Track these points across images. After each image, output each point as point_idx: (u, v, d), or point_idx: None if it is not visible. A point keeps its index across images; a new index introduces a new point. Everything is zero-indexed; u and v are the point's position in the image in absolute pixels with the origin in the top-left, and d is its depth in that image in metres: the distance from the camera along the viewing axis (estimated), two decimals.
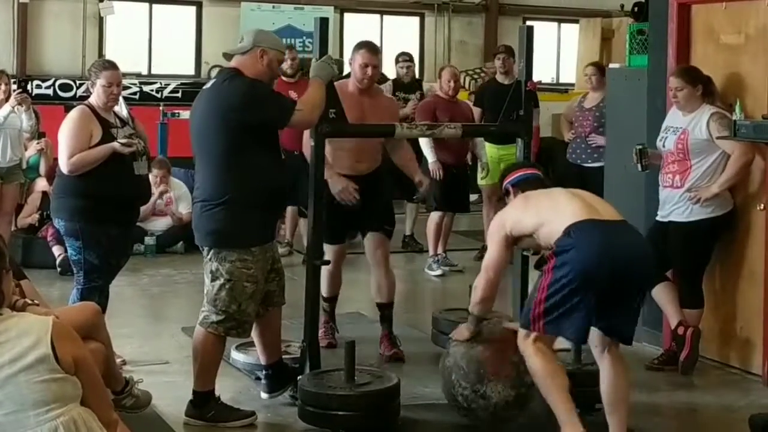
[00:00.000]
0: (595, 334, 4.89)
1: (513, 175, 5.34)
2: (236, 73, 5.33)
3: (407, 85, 10.66)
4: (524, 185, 5.24)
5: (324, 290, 6.54)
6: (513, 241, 5.06)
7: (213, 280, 5.31)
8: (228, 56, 5.49)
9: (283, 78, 9.50)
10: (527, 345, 4.80)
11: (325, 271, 6.27)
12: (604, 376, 4.97)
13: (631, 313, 4.89)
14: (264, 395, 5.68)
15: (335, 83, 5.79)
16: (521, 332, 4.85)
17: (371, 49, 6.59)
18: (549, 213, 4.87)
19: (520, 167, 5.47)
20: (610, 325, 4.83)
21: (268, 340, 5.63)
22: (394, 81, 10.78)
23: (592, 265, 4.62)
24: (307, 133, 5.89)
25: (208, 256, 5.34)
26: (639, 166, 6.46)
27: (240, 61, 5.37)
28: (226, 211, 5.24)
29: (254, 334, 5.60)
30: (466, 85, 14.93)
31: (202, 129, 5.32)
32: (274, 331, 5.65)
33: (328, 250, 6.43)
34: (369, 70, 6.49)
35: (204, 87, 5.48)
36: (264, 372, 5.70)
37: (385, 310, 6.79)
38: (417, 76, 16.65)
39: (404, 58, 10.85)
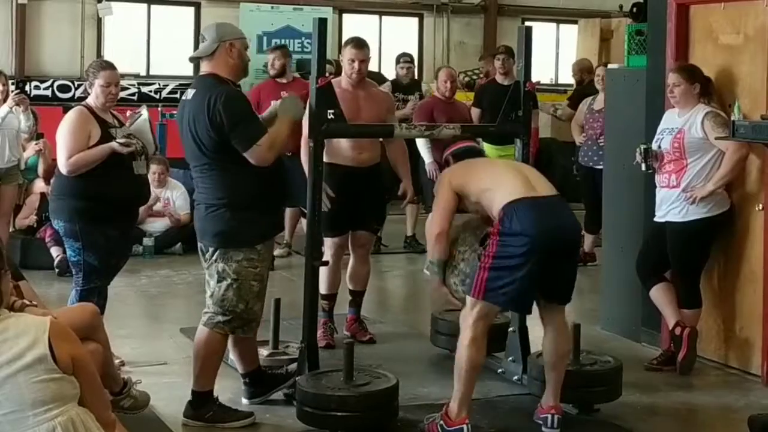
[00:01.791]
0: (540, 302, 5.31)
1: (454, 147, 5.71)
2: (214, 79, 5.30)
3: (406, 86, 10.66)
4: (465, 156, 5.58)
5: (323, 287, 6.57)
6: (458, 198, 5.28)
7: (219, 281, 5.31)
8: (195, 59, 5.48)
9: (277, 80, 9.47)
10: (466, 326, 5.11)
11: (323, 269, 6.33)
12: (548, 337, 5.35)
13: (569, 276, 5.28)
14: (244, 401, 5.67)
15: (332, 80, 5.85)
16: (468, 302, 5.11)
17: (357, 45, 6.76)
18: (490, 181, 5.19)
19: (460, 140, 5.83)
20: (551, 291, 5.23)
21: (245, 348, 5.61)
22: (393, 82, 10.78)
23: (533, 242, 4.94)
24: (304, 135, 5.89)
25: (213, 258, 5.33)
26: (643, 165, 6.44)
27: (213, 63, 5.34)
28: (231, 212, 5.25)
29: (230, 344, 5.57)
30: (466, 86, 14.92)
31: (193, 137, 5.28)
32: (249, 340, 5.61)
33: (329, 243, 6.50)
34: (356, 65, 6.68)
35: (184, 98, 5.43)
36: (242, 380, 5.70)
37: (358, 297, 7.08)
38: (417, 76, 16.77)
39: (405, 59, 10.85)
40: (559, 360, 5.34)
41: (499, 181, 5.19)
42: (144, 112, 6.33)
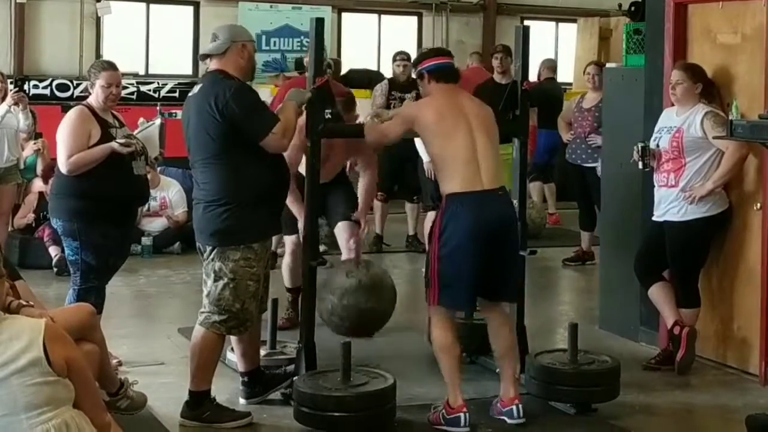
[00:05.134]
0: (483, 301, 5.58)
1: (429, 62, 5.59)
2: (222, 75, 5.33)
3: (403, 85, 10.60)
4: (439, 74, 5.53)
5: (288, 281, 7.03)
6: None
7: (216, 280, 5.31)
8: (205, 56, 5.50)
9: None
10: (432, 316, 5.49)
11: (285, 264, 6.88)
12: (492, 330, 5.56)
13: (510, 274, 5.49)
14: (242, 401, 5.67)
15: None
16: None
17: None
18: (446, 153, 5.34)
19: (434, 55, 5.68)
20: (495, 291, 5.47)
21: (247, 347, 5.62)
22: (390, 80, 10.71)
23: (471, 230, 5.24)
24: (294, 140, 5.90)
25: (211, 257, 5.33)
26: (640, 164, 6.44)
27: (222, 61, 5.37)
28: (229, 210, 5.26)
29: (234, 342, 5.61)
30: None
31: (196, 132, 5.32)
32: (253, 339, 5.64)
33: (288, 241, 6.81)
34: None
35: (191, 93, 5.46)
36: (241, 379, 5.71)
37: None
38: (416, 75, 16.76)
39: (401, 57, 10.79)
40: (508, 349, 5.49)
41: (454, 160, 5.32)
42: (157, 120, 6.36)
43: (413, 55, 11.60)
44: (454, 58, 5.85)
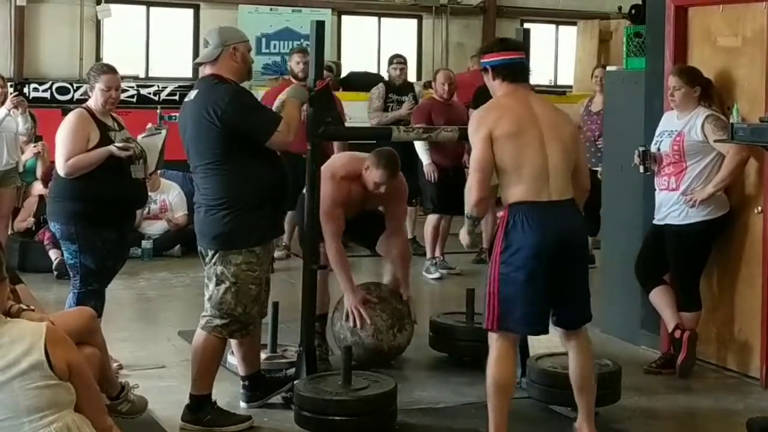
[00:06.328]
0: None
1: (495, 56, 5.05)
2: (218, 80, 5.32)
3: (399, 88, 10.58)
4: (506, 72, 5.02)
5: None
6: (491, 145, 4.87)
7: (218, 283, 5.30)
8: (199, 64, 5.50)
9: (294, 81, 9.42)
10: (492, 347, 4.92)
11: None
12: (571, 359, 5.11)
13: (581, 293, 5.04)
14: (243, 405, 5.67)
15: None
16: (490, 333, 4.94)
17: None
18: (514, 167, 4.86)
19: (502, 48, 5.11)
20: (567, 314, 5.01)
21: (248, 351, 5.62)
22: (386, 83, 10.67)
23: (536, 253, 4.80)
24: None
25: (213, 260, 5.33)
26: (641, 167, 6.44)
27: (217, 67, 5.36)
28: (231, 214, 5.25)
29: (234, 346, 5.61)
30: None
31: (195, 139, 5.31)
32: (253, 343, 5.64)
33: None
34: None
35: (187, 99, 5.45)
36: (241, 383, 5.71)
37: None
38: (416, 77, 16.76)
39: (398, 60, 10.76)
40: (584, 381, 5.10)
41: (523, 169, 4.86)
42: (164, 131, 6.36)
43: (412, 58, 11.69)
44: (451, 59, 5.80)
